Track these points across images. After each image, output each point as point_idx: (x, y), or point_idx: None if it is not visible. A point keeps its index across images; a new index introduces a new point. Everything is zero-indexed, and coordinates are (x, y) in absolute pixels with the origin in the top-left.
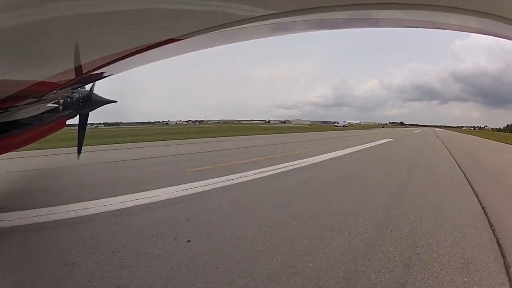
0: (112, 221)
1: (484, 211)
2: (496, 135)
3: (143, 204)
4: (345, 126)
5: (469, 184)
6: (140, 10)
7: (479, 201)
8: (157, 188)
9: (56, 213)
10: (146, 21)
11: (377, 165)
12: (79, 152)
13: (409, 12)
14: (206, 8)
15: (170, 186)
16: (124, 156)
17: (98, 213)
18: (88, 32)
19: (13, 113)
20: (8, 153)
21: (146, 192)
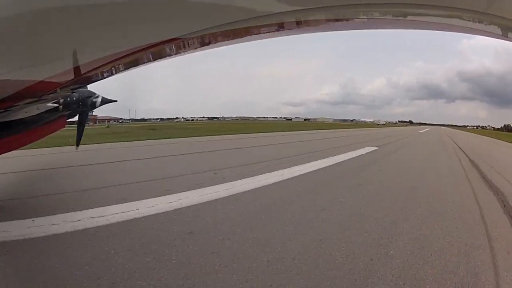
0: None
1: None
2: (492, 133)
3: None
4: (383, 125)
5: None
6: (144, 8)
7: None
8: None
9: None
10: (149, 20)
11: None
12: (77, 144)
13: (415, 13)
14: (212, 6)
15: None
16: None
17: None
18: (89, 31)
19: (13, 112)
20: None
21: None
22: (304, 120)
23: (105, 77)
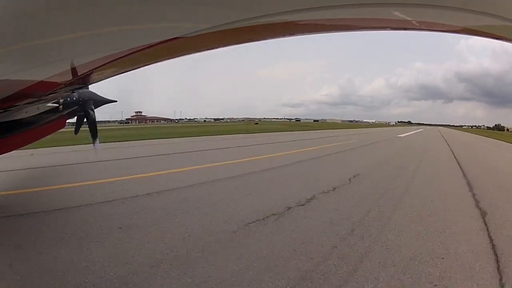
0: None
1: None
2: (483, 131)
3: None
4: (394, 125)
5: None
6: (144, 8)
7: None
8: None
9: None
10: (149, 20)
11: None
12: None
13: (414, 14)
14: (212, 6)
15: None
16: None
17: None
18: (89, 32)
19: (13, 112)
20: None
21: None
22: (314, 121)
23: (105, 78)
